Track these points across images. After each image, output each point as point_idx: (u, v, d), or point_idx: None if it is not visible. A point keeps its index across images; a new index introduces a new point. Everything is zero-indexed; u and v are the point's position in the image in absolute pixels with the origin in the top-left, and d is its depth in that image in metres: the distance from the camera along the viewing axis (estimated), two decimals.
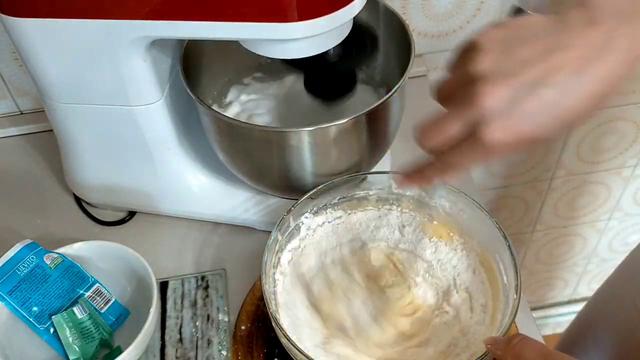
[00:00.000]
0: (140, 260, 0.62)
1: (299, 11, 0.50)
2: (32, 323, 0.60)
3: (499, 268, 0.57)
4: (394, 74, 0.65)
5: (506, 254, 0.55)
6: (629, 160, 1.19)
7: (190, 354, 0.63)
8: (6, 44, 0.79)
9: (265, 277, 0.56)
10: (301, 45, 0.55)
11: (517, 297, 0.52)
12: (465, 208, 0.60)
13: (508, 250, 0.55)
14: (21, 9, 0.54)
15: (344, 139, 0.61)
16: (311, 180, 0.64)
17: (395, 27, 0.65)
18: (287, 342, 0.52)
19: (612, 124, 1.08)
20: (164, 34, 0.55)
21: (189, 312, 0.66)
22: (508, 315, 0.53)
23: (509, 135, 0.40)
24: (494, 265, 0.57)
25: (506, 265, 0.56)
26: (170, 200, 0.72)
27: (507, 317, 0.53)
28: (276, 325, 0.53)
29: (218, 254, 0.71)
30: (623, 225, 1.39)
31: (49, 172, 0.80)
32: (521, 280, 0.53)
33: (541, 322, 1.61)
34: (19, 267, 0.61)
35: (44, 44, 0.57)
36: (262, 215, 0.71)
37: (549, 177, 1.18)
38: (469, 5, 0.84)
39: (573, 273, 1.52)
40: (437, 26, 0.86)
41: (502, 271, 0.56)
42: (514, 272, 0.54)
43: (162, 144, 0.67)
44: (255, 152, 0.63)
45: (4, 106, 0.86)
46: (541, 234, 1.35)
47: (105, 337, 0.61)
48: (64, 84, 0.61)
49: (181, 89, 0.62)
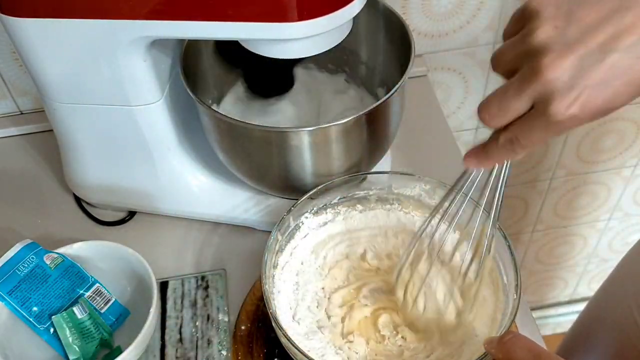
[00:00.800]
0: (140, 260, 0.62)
1: (299, 11, 0.50)
2: (32, 323, 0.60)
3: (499, 268, 0.57)
4: (394, 74, 0.65)
5: (506, 254, 0.55)
6: (629, 160, 1.19)
7: (190, 354, 0.63)
8: (6, 44, 0.79)
9: (265, 277, 0.56)
10: (301, 45, 0.55)
11: (517, 297, 0.52)
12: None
13: (508, 250, 0.55)
14: (21, 9, 0.54)
15: (344, 139, 0.61)
16: (311, 180, 0.64)
17: (395, 27, 0.65)
18: (287, 342, 0.52)
19: (612, 124, 1.08)
20: (164, 34, 0.55)
21: (189, 312, 0.66)
22: (508, 316, 0.53)
23: (579, 109, 0.37)
24: (494, 265, 0.57)
25: (506, 265, 0.56)
26: (170, 200, 0.72)
27: (507, 317, 0.53)
28: (276, 325, 0.53)
29: (218, 254, 0.71)
30: (623, 225, 1.39)
31: (49, 172, 0.80)
32: (521, 280, 0.53)
33: (541, 322, 1.61)
34: (19, 267, 0.61)
35: (44, 44, 0.57)
36: (262, 215, 0.71)
37: (549, 177, 1.18)
38: (469, 5, 0.84)
39: (573, 273, 1.52)
40: (437, 26, 0.86)
41: (502, 271, 0.56)
42: (514, 272, 0.54)
43: (162, 144, 0.67)
44: (255, 152, 0.63)
45: (4, 106, 0.86)
46: (541, 234, 1.35)
47: (105, 337, 0.61)
48: (64, 84, 0.61)
49: (181, 89, 0.62)
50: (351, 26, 0.58)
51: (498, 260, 0.57)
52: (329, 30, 0.52)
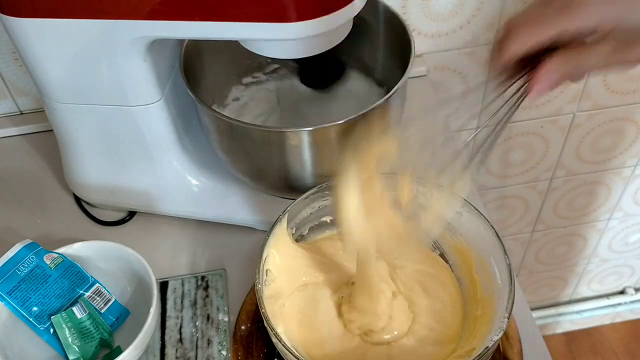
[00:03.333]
0: (140, 260, 0.62)
1: (299, 11, 0.50)
2: (32, 323, 0.60)
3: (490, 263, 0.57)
4: (394, 74, 0.65)
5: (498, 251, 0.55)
6: (629, 160, 1.19)
7: (190, 354, 0.63)
8: (6, 44, 0.79)
9: (259, 278, 0.55)
10: (301, 45, 0.55)
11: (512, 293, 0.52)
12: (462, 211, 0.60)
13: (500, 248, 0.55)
14: (21, 9, 0.54)
15: (344, 139, 0.61)
16: (311, 180, 0.64)
17: (395, 27, 0.65)
18: (278, 342, 0.51)
19: (612, 124, 1.08)
20: (164, 34, 0.55)
21: (189, 312, 0.66)
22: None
23: None
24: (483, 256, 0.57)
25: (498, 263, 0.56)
26: (170, 200, 0.72)
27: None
28: (269, 327, 0.52)
29: (218, 254, 0.71)
30: (623, 225, 1.39)
31: (49, 172, 0.80)
32: (512, 266, 0.53)
33: (541, 322, 1.61)
34: (19, 267, 0.61)
35: (44, 44, 0.57)
36: (262, 215, 0.71)
37: (549, 177, 1.18)
38: (469, 5, 0.84)
39: (573, 273, 1.52)
40: (437, 26, 0.86)
41: (496, 273, 0.56)
42: (507, 276, 0.54)
43: (162, 144, 0.67)
44: (255, 152, 0.63)
45: (4, 106, 0.86)
46: (541, 234, 1.35)
47: (105, 337, 0.61)
48: (63, 84, 0.61)
49: (181, 89, 0.62)
50: (351, 26, 0.58)
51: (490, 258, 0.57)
52: (329, 30, 0.52)
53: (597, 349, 1.67)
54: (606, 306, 1.62)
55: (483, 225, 0.57)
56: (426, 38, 0.87)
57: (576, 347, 1.66)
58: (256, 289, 0.53)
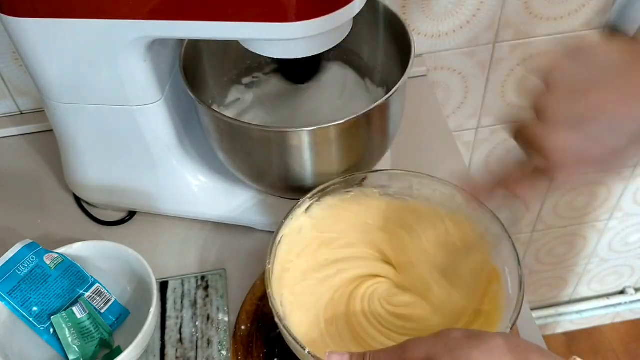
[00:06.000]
0: (140, 260, 0.62)
1: (299, 11, 0.50)
2: (32, 323, 0.60)
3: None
4: (394, 74, 0.65)
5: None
6: (629, 160, 1.18)
7: (190, 354, 0.63)
8: (6, 44, 0.79)
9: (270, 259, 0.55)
10: (301, 45, 0.55)
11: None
12: None
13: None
14: (21, 9, 0.54)
15: (344, 139, 0.61)
16: (311, 180, 0.64)
17: (395, 27, 0.65)
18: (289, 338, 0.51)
19: None
20: (164, 34, 0.55)
21: (189, 312, 0.66)
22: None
23: (576, 177, 0.46)
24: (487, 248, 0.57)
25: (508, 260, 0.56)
26: (170, 200, 0.72)
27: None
28: (281, 323, 0.52)
29: (218, 254, 0.71)
30: (623, 225, 1.39)
31: (49, 172, 0.80)
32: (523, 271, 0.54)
33: (541, 322, 1.61)
34: (19, 267, 0.61)
35: (44, 44, 0.57)
36: (262, 215, 0.71)
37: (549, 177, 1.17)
38: (469, 5, 0.84)
39: (573, 273, 1.52)
40: (437, 26, 0.86)
41: None
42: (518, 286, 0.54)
43: (162, 144, 0.67)
44: (255, 152, 0.63)
45: (4, 106, 0.86)
46: (541, 234, 1.35)
47: (105, 337, 0.61)
48: (64, 84, 0.61)
49: (181, 89, 0.62)
50: (351, 26, 0.58)
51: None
52: (329, 30, 0.52)
53: (597, 349, 1.66)
54: (606, 306, 1.62)
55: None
56: (426, 38, 0.87)
57: (576, 347, 1.66)
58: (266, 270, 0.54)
